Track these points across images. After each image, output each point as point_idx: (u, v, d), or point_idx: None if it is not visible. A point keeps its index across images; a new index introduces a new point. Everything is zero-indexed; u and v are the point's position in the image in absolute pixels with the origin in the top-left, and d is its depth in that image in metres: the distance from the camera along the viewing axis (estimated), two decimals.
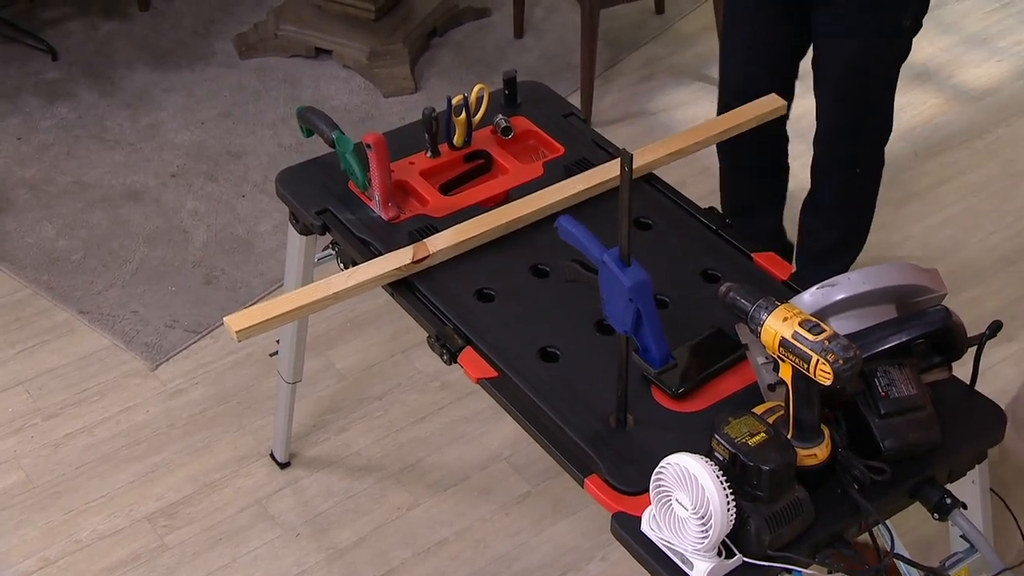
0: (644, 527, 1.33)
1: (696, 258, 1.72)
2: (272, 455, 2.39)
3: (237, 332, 1.57)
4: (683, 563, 1.28)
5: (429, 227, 1.75)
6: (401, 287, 1.69)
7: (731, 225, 1.78)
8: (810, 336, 1.26)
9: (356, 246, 1.74)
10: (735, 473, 1.26)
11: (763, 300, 1.32)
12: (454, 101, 1.85)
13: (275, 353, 2.20)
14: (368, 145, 1.73)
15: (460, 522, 2.26)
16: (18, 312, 2.72)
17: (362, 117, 3.31)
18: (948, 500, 1.38)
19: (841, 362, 1.24)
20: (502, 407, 1.53)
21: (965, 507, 1.41)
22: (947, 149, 3.16)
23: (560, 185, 1.81)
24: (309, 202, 1.82)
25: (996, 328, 1.44)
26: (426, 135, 1.86)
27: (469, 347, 1.57)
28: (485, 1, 3.78)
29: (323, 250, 1.94)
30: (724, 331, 1.55)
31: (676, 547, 1.28)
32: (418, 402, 2.51)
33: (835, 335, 1.26)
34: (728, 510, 1.23)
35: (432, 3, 3.61)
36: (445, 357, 1.58)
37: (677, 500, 1.26)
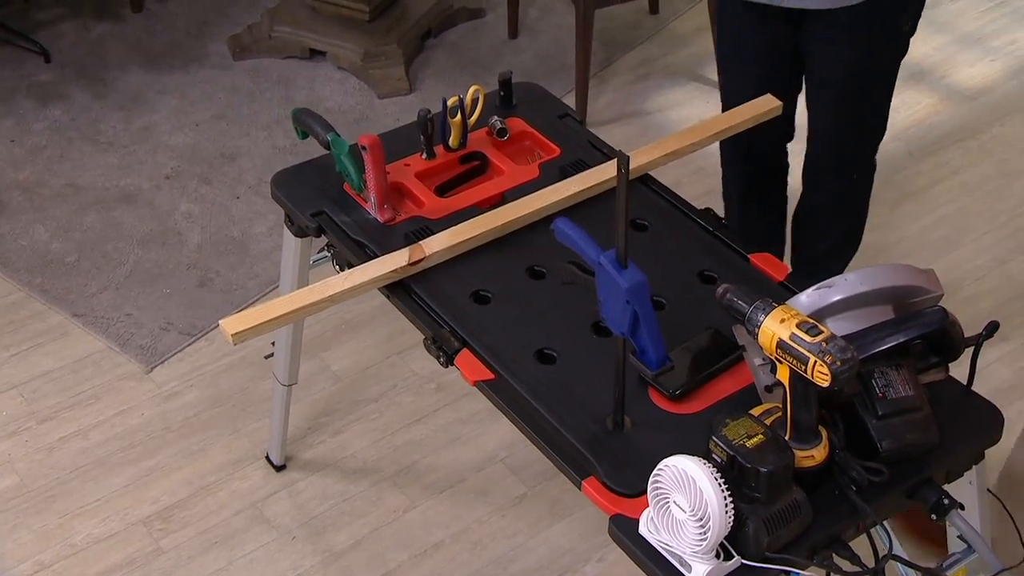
0: (642, 529, 1.32)
1: (692, 259, 1.71)
2: (268, 458, 2.38)
3: (233, 335, 1.57)
4: (681, 565, 1.28)
5: (425, 229, 1.75)
6: (397, 289, 1.68)
7: (727, 226, 1.78)
8: (808, 338, 1.26)
9: (352, 248, 1.74)
10: (733, 475, 1.26)
11: (760, 301, 1.32)
12: (449, 103, 1.85)
13: (270, 355, 2.19)
14: (363, 147, 1.72)
15: (456, 524, 2.26)
16: (11, 315, 2.71)
17: (356, 118, 3.31)
18: (946, 501, 1.38)
19: (839, 363, 1.24)
20: (499, 409, 1.52)
21: (963, 508, 1.41)
22: (941, 149, 3.16)
23: (556, 186, 1.81)
24: (304, 204, 1.82)
25: (993, 329, 1.44)
26: (421, 137, 1.86)
27: (466, 349, 1.57)
28: (479, 2, 3.77)
29: (318, 252, 1.93)
30: (721, 332, 1.55)
31: (674, 549, 1.28)
32: (414, 404, 2.50)
33: (832, 336, 1.26)
34: (726, 512, 1.23)
35: (426, 4, 3.60)
36: (442, 359, 1.58)
37: (675, 502, 1.26)
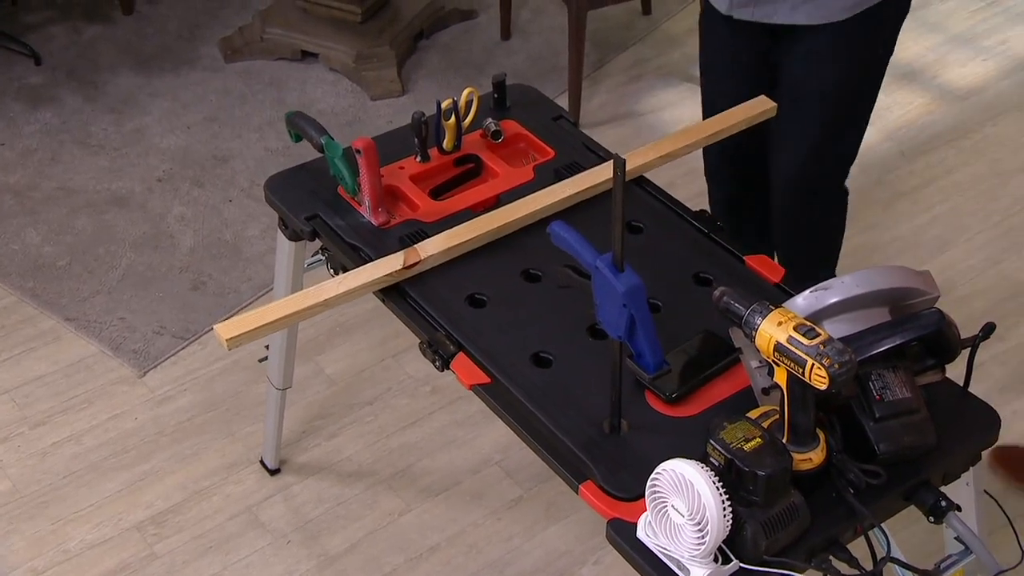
0: (640, 533, 1.32)
1: (687, 261, 1.71)
2: (262, 462, 2.37)
3: (227, 340, 1.56)
4: (679, 569, 1.28)
5: (420, 232, 1.74)
6: (392, 293, 1.68)
7: (722, 228, 1.77)
8: (805, 340, 1.26)
9: (346, 252, 1.73)
10: (731, 478, 1.26)
11: (757, 304, 1.32)
12: (443, 105, 1.85)
13: (264, 359, 2.19)
14: (358, 150, 1.72)
15: (452, 527, 2.25)
16: (3, 320, 2.70)
17: (349, 120, 3.30)
18: (943, 503, 1.38)
19: (836, 366, 1.23)
20: (496, 413, 1.52)
21: (960, 509, 1.41)
22: (933, 149, 3.17)
23: (551, 189, 1.80)
24: (298, 208, 1.81)
25: (989, 330, 1.44)
26: (416, 139, 1.85)
27: (461, 353, 1.57)
28: (471, 3, 3.77)
29: (312, 256, 1.93)
30: (717, 335, 1.54)
31: (672, 553, 1.28)
32: (408, 407, 2.50)
33: (830, 339, 1.26)
34: (724, 516, 1.22)
35: (418, 5, 3.60)
36: (437, 363, 1.57)
37: (673, 506, 1.26)
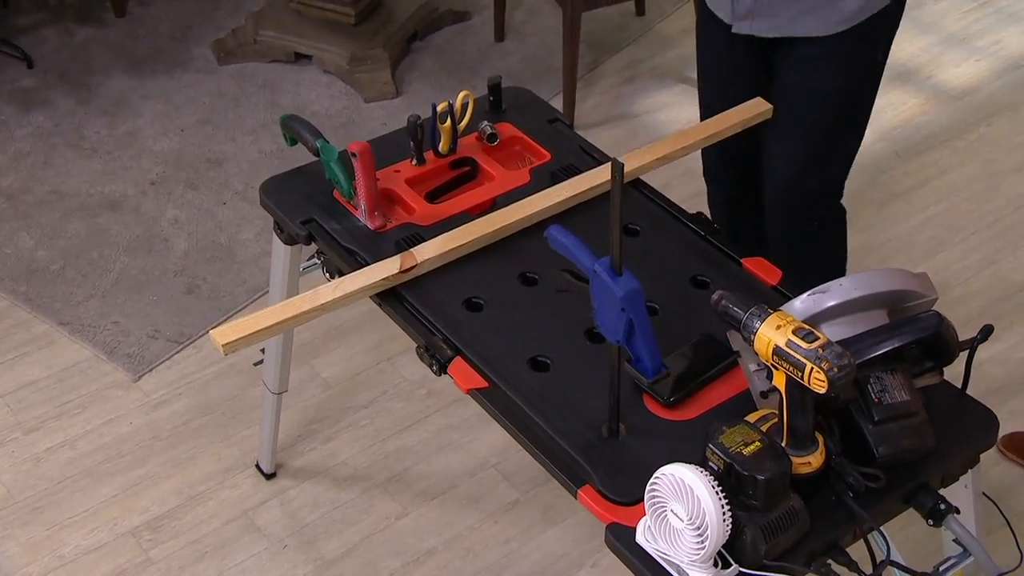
0: (639, 538, 1.32)
1: (685, 264, 1.71)
2: (258, 466, 2.36)
3: (224, 345, 1.55)
4: (679, 574, 1.27)
5: (416, 236, 1.74)
6: (389, 297, 1.67)
7: (719, 230, 1.77)
8: (804, 344, 1.26)
9: (342, 256, 1.72)
10: (730, 483, 1.26)
11: (756, 308, 1.32)
12: (439, 108, 1.84)
13: (260, 363, 2.18)
14: (353, 154, 1.71)
15: (449, 531, 2.25)
16: None
17: (343, 122, 3.29)
18: (942, 506, 1.38)
19: (836, 370, 1.23)
20: (494, 418, 1.51)
21: (958, 512, 1.41)
22: (928, 149, 3.17)
23: (547, 192, 1.80)
24: (294, 212, 1.81)
25: (987, 332, 1.44)
26: (411, 143, 1.85)
27: (459, 357, 1.56)
28: (465, 4, 3.76)
29: (308, 259, 1.92)
30: (715, 338, 1.54)
31: (672, 558, 1.27)
32: (404, 410, 2.49)
33: (829, 343, 1.26)
34: (724, 520, 1.22)
35: (412, 7, 3.59)
36: (435, 368, 1.57)
37: (672, 511, 1.25)
